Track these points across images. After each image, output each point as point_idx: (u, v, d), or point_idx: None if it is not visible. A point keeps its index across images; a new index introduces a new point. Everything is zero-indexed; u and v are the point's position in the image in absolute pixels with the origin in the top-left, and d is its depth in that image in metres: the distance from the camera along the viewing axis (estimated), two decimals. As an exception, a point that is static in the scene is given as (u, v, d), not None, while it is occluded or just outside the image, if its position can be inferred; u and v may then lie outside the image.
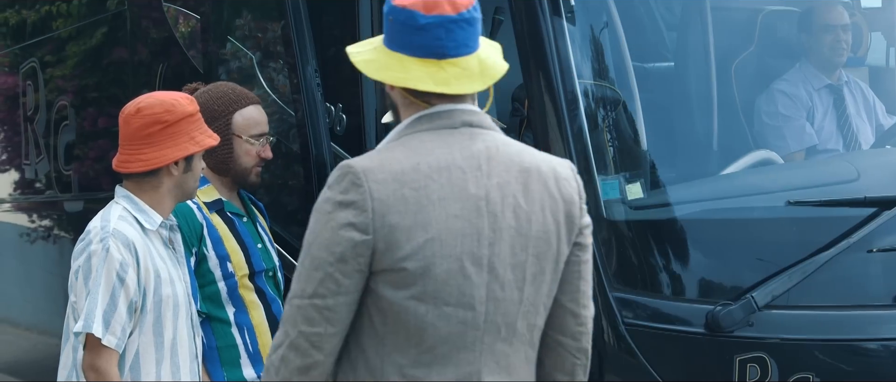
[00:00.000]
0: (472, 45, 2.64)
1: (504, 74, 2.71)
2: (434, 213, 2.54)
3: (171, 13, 5.86)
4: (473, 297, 2.56)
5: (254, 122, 4.30)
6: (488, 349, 2.59)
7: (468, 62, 2.63)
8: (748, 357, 3.92)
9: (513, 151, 2.65)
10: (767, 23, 5.00)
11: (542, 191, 2.63)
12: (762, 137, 4.76)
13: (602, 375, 4.02)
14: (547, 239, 2.62)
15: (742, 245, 4.15)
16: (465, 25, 2.62)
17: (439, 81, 2.60)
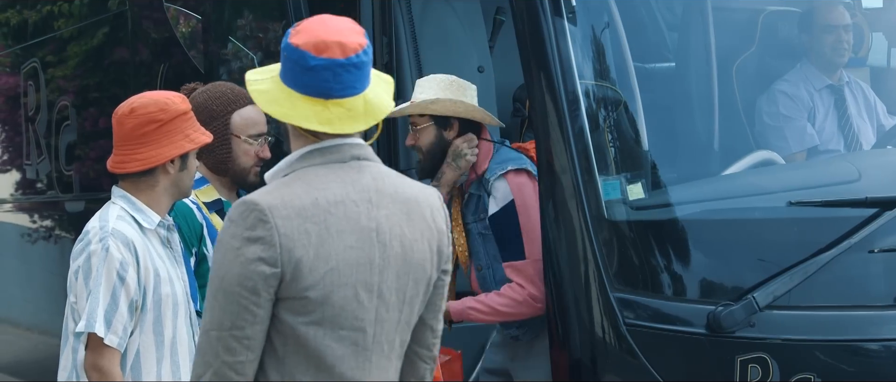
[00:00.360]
0: (358, 87, 2.81)
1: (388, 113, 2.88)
2: (333, 246, 2.74)
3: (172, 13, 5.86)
4: (364, 320, 2.78)
5: (252, 122, 4.30)
6: (375, 365, 2.82)
7: (354, 103, 2.81)
8: (749, 357, 3.92)
9: (396, 183, 2.87)
10: (768, 23, 4.99)
11: (422, 221, 2.86)
12: (763, 138, 4.75)
13: (603, 375, 4.02)
14: (423, 266, 2.86)
15: (743, 245, 4.15)
16: (352, 69, 2.79)
17: (323, 120, 2.79)
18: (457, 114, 4.40)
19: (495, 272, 4.44)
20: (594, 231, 3.95)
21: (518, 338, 4.47)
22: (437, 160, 4.46)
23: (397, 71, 4.94)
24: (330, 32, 2.82)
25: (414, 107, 4.41)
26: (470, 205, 4.46)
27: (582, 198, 3.96)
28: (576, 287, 3.98)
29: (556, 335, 4.06)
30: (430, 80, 4.45)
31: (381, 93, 2.87)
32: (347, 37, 2.82)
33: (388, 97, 2.88)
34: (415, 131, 4.46)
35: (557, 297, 4.02)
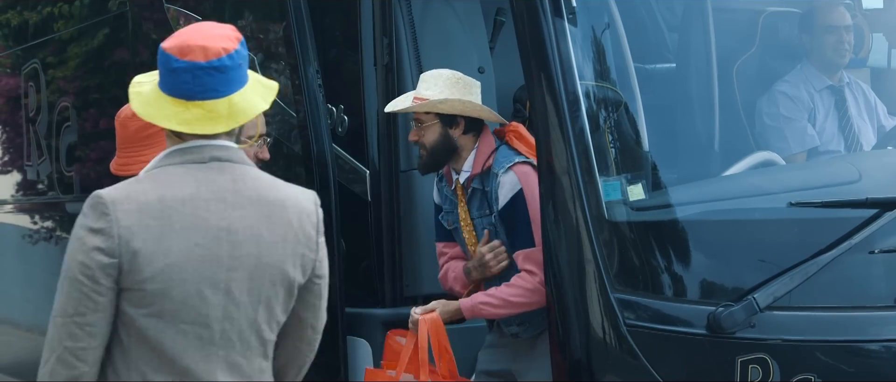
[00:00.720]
0: (222, 91, 2.92)
1: (269, 110, 3.04)
2: (175, 241, 2.85)
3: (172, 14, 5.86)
4: (209, 317, 2.88)
5: (251, 123, 4.30)
6: (223, 360, 2.92)
7: (216, 105, 2.92)
8: (750, 358, 3.91)
9: (261, 185, 2.97)
10: (769, 24, 4.99)
11: (285, 224, 2.95)
12: (763, 138, 4.75)
13: (603, 376, 4.02)
14: (283, 268, 2.94)
15: (744, 246, 4.14)
16: (213, 73, 2.91)
17: (182, 121, 2.92)
18: (464, 113, 4.41)
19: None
20: (595, 231, 3.95)
21: (518, 336, 4.47)
22: (441, 157, 4.46)
23: (398, 71, 4.94)
24: (196, 37, 2.94)
25: (423, 106, 4.41)
26: (474, 201, 4.46)
27: (582, 199, 3.96)
28: (576, 287, 3.98)
29: (557, 335, 4.06)
30: (436, 77, 4.44)
31: (253, 98, 2.97)
32: (213, 42, 2.93)
33: (263, 102, 2.99)
34: (419, 127, 4.46)
35: (558, 298, 4.02)
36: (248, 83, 2.99)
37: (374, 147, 4.99)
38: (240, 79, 2.96)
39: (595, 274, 3.96)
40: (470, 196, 4.47)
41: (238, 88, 2.95)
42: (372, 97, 5.03)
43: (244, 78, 2.97)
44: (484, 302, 4.33)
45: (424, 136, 4.45)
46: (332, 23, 5.32)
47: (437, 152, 4.45)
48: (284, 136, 5.15)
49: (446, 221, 4.59)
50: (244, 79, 2.97)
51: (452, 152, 4.46)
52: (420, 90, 4.45)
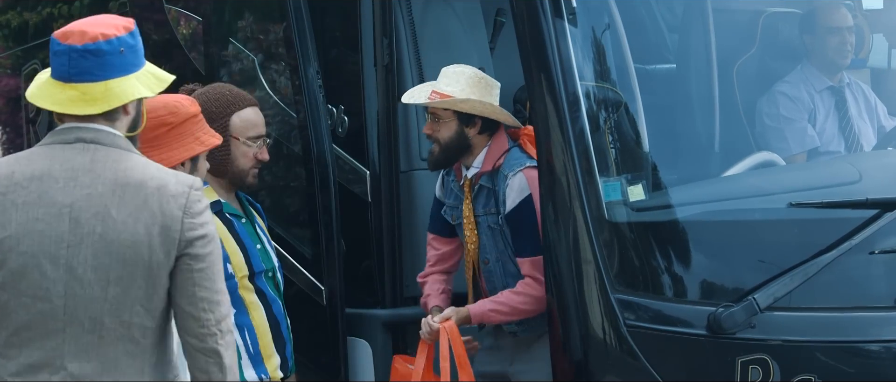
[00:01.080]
0: (98, 74, 3.05)
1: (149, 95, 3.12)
2: (16, 215, 2.98)
3: (172, 15, 5.86)
4: (50, 291, 2.97)
5: (251, 124, 4.29)
6: (72, 338, 2.99)
7: (91, 88, 3.05)
8: (750, 358, 3.91)
9: (120, 167, 3.04)
10: (769, 24, 4.99)
11: (139, 204, 3.00)
12: (764, 139, 4.75)
13: (604, 377, 4.02)
14: (136, 249, 2.99)
15: (744, 246, 4.14)
16: (89, 56, 3.05)
17: (56, 102, 3.06)
18: (483, 114, 4.41)
19: (504, 265, 4.43)
20: (595, 232, 3.95)
21: (516, 334, 4.47)
22: (453, 154, 4.46)
23: (398, 72, 4.93)
24: (82, 23, 3.10)
25: (444, 103, 4.40)
26: (480, 198, 4.46)
27: (583, 200, 3.96)
28: (576, 288, 3.98)
29: (557, 336, 4.06)
30: (459, 74, 4.43)
31: (135, 85, 3.08)
32: (94, 27, 3.07)
33: (147, 91, 3.10)
34: (436, 123, 4.45)
35: (558, 298, 4.02)
36: (136, 72, 3.10)
37: (374, 147, 4.98)
38: (121, 65, 3.07)
39: (595, 274, 3.96)
40: (477, 193, 4.47)
41: (119, 75, 3.06)
42: (372, 97, 5.02)
43: (129, 66, 3.08)
44: (493, 309, 4.33)
45: (440, 132, 4.44)
46: (332, 23, 5.32)
47: (450, 149, 4.45)
48: (284, 137, 5.15)
49: (450, 216, 4.59)
50: (129, 67, 3.08)
51: (465, 150, 4.46)
52: (440, 85, 4.43)
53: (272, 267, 4.37)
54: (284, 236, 5.05)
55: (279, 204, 5.32)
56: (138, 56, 3.13)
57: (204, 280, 3.04)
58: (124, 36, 3.09)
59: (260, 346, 4.26)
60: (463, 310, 4.36)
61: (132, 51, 3.10)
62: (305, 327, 4.67)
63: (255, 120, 4.32)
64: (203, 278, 3.04)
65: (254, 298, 4.28)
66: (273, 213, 5.04)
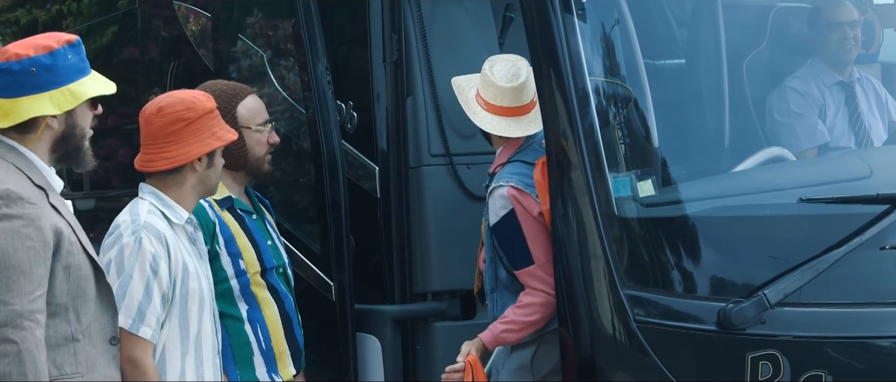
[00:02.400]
0: (9, 92, 3.35)
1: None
2: None
3: (182, 11, 5.86)
4: None
5: (256, 111, 4.32)
6: None
7: (1, 103, 3.37)
8: (760, 354, 3.91)
9: None
10: (779, 19, 4.98)
11: None
12: (774, 134, 4.74)
13: (613, 372, 4.01)
14: None
15: (754, 242, 4.14)
16: (1, 74, 3.36)
17: None
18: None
19: (496, 270, 4.42)
20: (604, 228, 3.94)
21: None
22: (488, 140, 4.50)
23: (407, 68, 4.93)
24: (17, 43, 3.40)
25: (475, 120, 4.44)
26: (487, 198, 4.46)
27: (592, 195, 3.96)
28: (586, 284, 3.98)
29: (567, 332, 4.05)
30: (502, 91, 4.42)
31: (42, 104, 3.33)
32: (17, 47, 3.37)
33: (53, 109, 3.34)
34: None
35: (568, 295, 4.02)
36: (51, 90, 3.33)
37: (383, 143, 4.98)
38: (33, 84, 3.33)
39: (605, 270, 3.95)
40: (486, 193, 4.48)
41: (30, 93, 3.33)
42: (381, 94, 5.02)
43: (44, 85, 3.33)
44: (505, 330, 4.30)
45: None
46: (341, 19, 5.32)
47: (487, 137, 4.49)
48: (294, 133, 5.15)
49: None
50: (43, 85, 3.33)
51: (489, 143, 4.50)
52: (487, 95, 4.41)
53: (283, 263, 4.37)
54: (294, 232, 5.05)
55: (289, 200, 5.32)
56: (57, 74, 3.34)
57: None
58: (40, 56, 3.33)
59: (272, 343, 4.27)
60: (477, 341, 4.32)
61: (47, 70, 3.33)
62: (314, 323, 4.67)
63: (258, 106, 4.34)
64: None
65: (266, 294, 4.28)
66: (283, 209, 5.04)
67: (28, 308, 3.20)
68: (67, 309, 3.32)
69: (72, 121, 3.40)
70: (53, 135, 3.39)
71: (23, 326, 3.19)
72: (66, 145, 3.42)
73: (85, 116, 3.44)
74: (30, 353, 3.19)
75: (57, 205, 3.38)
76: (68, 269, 3.31)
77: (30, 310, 3.21)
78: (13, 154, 3.36)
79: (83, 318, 3.36)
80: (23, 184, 3.30)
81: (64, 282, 3.30)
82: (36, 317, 3.22)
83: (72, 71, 3.37)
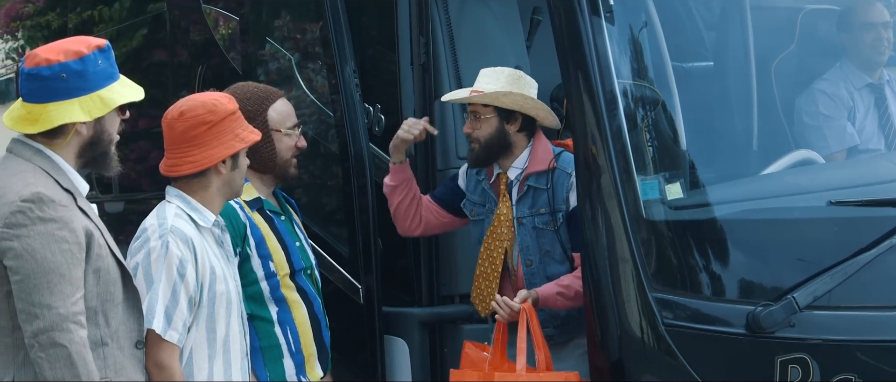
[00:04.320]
0: (40, 97, 3.34)
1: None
2: None
3: (210, 15, 5.89)
4: None
5: (286, 115, 4.33)
6: None
7: (34, 109, 3.35)
8: (789, 358, 3.89)
9: (1, 175, 3.32)
10: (807, 22, 4.96)
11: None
12: (803, 137, 4.72)
13: (642, 376, 4.00)
14: None
15: (783, 245, 4.12)
16: (32, 79, 3.34)
17: (11, 117, 3.38)
18: (524, 109, 4.43)
19: (546, 267, 4.43)
20: (632, 231, 3.94)
21: (552, 338, 4.46)
22: (494, 152, 4.48)
23: (435, 71, 4.94)
24: (45, 47, 3.36)
25: (486, 98, 4.43)
26: (527, 199, 4.46)
27: (620, 198, 3.95)
28: (614, 287, 3.97)
29: (594, 335, 4.05)
30: (498, 73, 4.47)
31: (72, 111, 3.31)
32: (46, 52, 3.33)
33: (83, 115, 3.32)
34: (476, 120, 4.48)
35: (596, 298, 4.01)
36: (81, 96, 3.32)
37: (411, 146, 4.99)
38: (63, 90, 3.31)
39: (633, 273, 3.94)
40: (524, 193, 4.47)
41: (60, 99, 3.31)
42: (409, 96, 5.03)
43: (73, 91, 3.31)
44: (559, 293, 4.32)
45: (480, 130, 4.47)
46: (368, 22, 5.33)
47: (492, 146, 4.47)
48: (321, 136, 5.16)
49: (470, 210, 4.61)
50: (73, 91, 3.31)
51: (506, 148, 4.48)
52: (480, 84, 4.47)
53: (310, 264, 4.39)
54: (322, 235, 5.06)
55: (316, 203, 5.33)
56: (87, 80, 3.33)
57: (20, 292, 3.22)
58: (71, 61, 3.31)
59: (302, 344, 4.28)
60: (533, 292, 4.33)
61: (77, 76, 3.32)
62: (342, 325, 4.68)
63: (288, 110, 4.35)
64: (20, 290, 3.22)
65: (295, 296, 4.29)
66: (310, 212, 5.05)
67: (71, 310, 3.22)
68: (96, 312, 3.33)
69: (100, 126, 3.41)
70: (82, 140, 3.40)
71: (69, 329, 3.21)
72: (94, 150, 3.43)
73: (113, 122, 3.45)
74: (80, 355, 3.21)
75: (85, 209, 3.39)
76: (98, 272, 3.33)
77: (73, 312, 3.23)
78: (40, 157, 3.37)
79: (112, 322, 3.37)
80: (51, 187, 3.31)
81: (93, 286, 3.32)
82: (79, 319, 3.24)
83: (101, 76, 3.36)
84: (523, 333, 4.20)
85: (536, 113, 4.46)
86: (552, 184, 4.41)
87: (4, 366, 3.27)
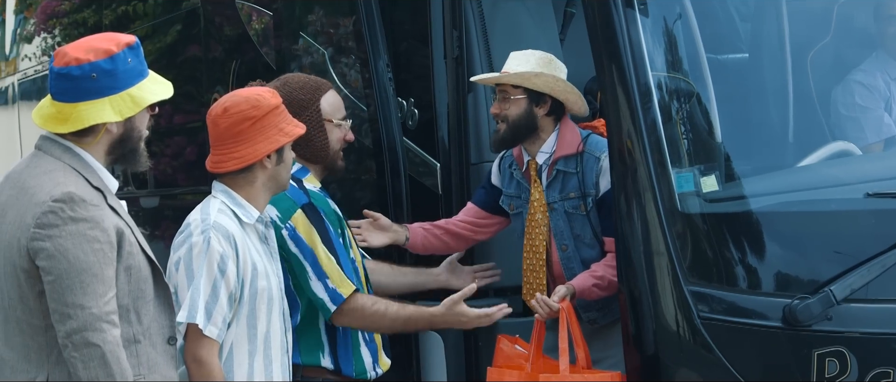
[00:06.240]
0: (71, 96, 3.32)
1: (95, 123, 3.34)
2: None
3: (244, 10, 5.91)
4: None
5: (337, 106, 4.33)
6: (2, 325, 3.34)
7: (64, 109, 3.33)
8: (827, 351, 3.86)
9: (31, 173, 3.33)
10: (844, 12, 4.92)
11: (22, 209, 3.27)
12: (839, 128, 4.69)
13: (677, 370, 3.99)
14: (10, 251, 3.28)
15: (820, 238, 4.09)
16: (62, 79, 3.32)
17: (40, 116, 3.38)
18: (554, 92, 4.43)
19: (580, 251, 4.43)
20: (667, 223, 3.92)
21: (596, 322, 4.45)
22: (521, 133, 4.48)
23: (468, 64, 4.94)
24: (74, 44, 3.35)
25: (517, 78, 4.43)
26: (556, 184, 4.46)
27: (655, 191, 3.94)
28: (649, 280, 3.96)
29: (630, 329, 4.03)
30: (528, 55, 4.47)
31: (103, 110, 3.30)
32: (76, 51, 3.31)
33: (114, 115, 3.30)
34: (505, 100, 4.48)
35: (630, 290, 4.00)
36: (112, 95, 3.30)
37: (444, 140, 4.99)
38: (94, 89, 3.29)
39: (668, 266, 3.93)
40: (553, 178, 4.47)
41: (91, 98, 3.30)
42: (442, 90, 5.03)
43: (104, 90, 3.29)
44: (595, 284, 4.31)
45: (509, 110, 4.47)
46: (402, 16, 5.33)
47: (519, 128, 4.46)
48: (355, 130, 5.17)
49: (508, 205, 4.60)
50: (104, 91, 3.29)
51: (533, 131, 4.47)
52: (509, 66, 4.48)
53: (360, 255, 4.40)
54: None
55: (351, 197, 5.34)
56: (117, 79, 3.31)
57: (53, 292, 3.22)
58: (101, 61, 3.29)
59: (374, 334, 4.28)
60: (570, 287, 4.32)
61: (108, 75, 3.30)
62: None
63: (339, 101, 4.35)
64: (52, 290, 3.22)
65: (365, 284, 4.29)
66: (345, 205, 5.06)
67: (104, 310, 3.24)
68: (129, 310, 3.34)
69: (130, 124, 3.40)
70: (112, 138, 3.39)
71: (102, 329, 3.22)
72: (123, 147, 3.42)
73: (143, 119, 3.44)
74: (114, 355, 3.23)
75: (115, 206, 3.39)
76: (129, 270, 3.34)
77: (106, 312, 3.24)
78: (69, 155, 3.36)
79: (144, 319, 3.38)
80: (82, 185, 3.32)
81: (125, 283, 3.33)
82: (112, 318, 3.25)
83: (131, 74, 3.36)
84: (564, 333, 4.19)
85: (566, 96, 4.45)
86: (581, 168, 4.41)
87: (38, 365, 3.28)
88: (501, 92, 4.50)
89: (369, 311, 4.05)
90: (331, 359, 4.13)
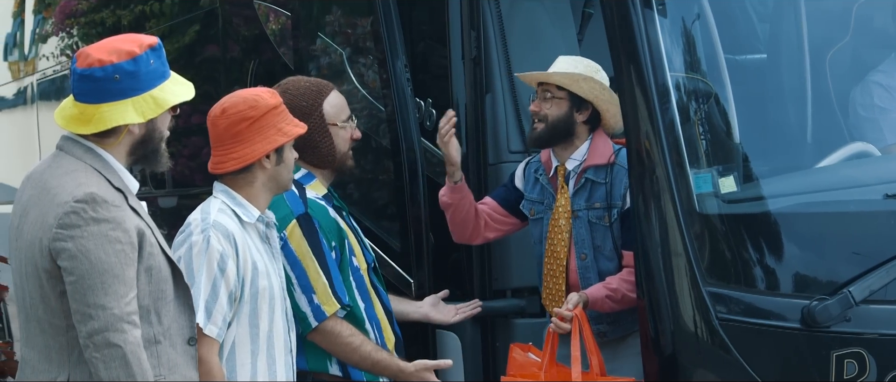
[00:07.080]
0: (94, 98, 3.33)
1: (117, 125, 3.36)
2: (14, 209, 3.41)
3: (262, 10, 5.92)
4: (11, 282, 3.39)
5: (340, 107, 4.33)
6: (23, 326, 3.38)
7: (87, 110, 3.34)
8: (845, 352, 3.85)
9: (53, 172, 3.34)
10: (862, 13, 4.90)
11: (43, 209, 3.29)
12: (858, 129, 4.67)
13: (696, 371, 3.98)
14: (32, 251, 3.30)
15: (838, 239, 4.08)
16: (85, 80, 3.33)
17: (63, 117, 3.39)
18: (597, 100, 4.44)
19: (599, 262, 4.42)
20: (686, 224, 3.92)
21: (605, 335, 4.44)
22: (559, 135, 4.49)
23: (486, 65, 4.94)
24: (96, 45, 3.36)
25: (566, 78, 4.44)
26: (583, 192, 4.46)
27: (673, 192, 3.93)
28: (667, 281, 3.95)
29: (647, 331, 4.03)
30: (577, 60, 4.51)
31: (125, 112, 3.31)
32: (98, 52, 3.32)
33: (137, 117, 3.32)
34: (546, 99, 4.48)
35: (649, 292, 3.99)
36: (134, 96, 3.32)
37: (462, 140, 4.99)
38: (117, 91, 3.30)
39: (686, 267, 3.92)
40: (581, 186, 4.47)
41: (113, 99, 3.32)
42: (460, 91, 5.03)
43: (127, 91, 3.31)
44: (607, 295, 4.31)
45: (549, 110, 4.48)
46: (419, 17, 5.33)
47: (557, 128, 4.47)
48: (373, 130, 5.17)
49: (529, 209, 4.59)
50: (127, 92, 3.31)
51: (569, 136, 4.48)
52: (558, 67, 4.49)
53: (373, 258, 4.40)
54: (373, 229, 5.07)
55: (368, 198, 5.34)
56: (139, 80, 3.33)
57: (75, 293, 3.24)
58: (124, 62, 3.30)
59: (384, 338, 4.28)
60: (583, 295, 4.32)
61: (130, 77, 3.31)
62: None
63: (342, 102, 4.35)
64: (74, 290, 3.24)
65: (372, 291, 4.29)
66: (362, 206, 5.07)
67: (125, 311, 3.25)
68: (149, 311, 3.36)
69: (152, 125, 3.42)
70: (133, 139, 3.41)
71: (123, 329, 3.24)
72: (145, 148, 3.44)
73: (164, 120, 3.46)
74: (135, 355, 3.24)
75: (135, 207, 3.41)
76: (150, 271, 3.35)
77: (127, 313, 3.26)
78: (90, 155, 3.38)
79: (164, 320, 3.40)
80: (103, 186, 3.33)
81: (146, 284, 3.34)
82: (133, 319, 3.27)
83: (154, 76, 3.37)
84: (577, 340, 4.18)
85: (607, 107, 4.46)
86: (610, 180, 4.41)
87: (59, 365, 3.30)
88: (544, 91, 4.51)
89: (344, 340, 4.06)
90: (339, 367, 4.14)
